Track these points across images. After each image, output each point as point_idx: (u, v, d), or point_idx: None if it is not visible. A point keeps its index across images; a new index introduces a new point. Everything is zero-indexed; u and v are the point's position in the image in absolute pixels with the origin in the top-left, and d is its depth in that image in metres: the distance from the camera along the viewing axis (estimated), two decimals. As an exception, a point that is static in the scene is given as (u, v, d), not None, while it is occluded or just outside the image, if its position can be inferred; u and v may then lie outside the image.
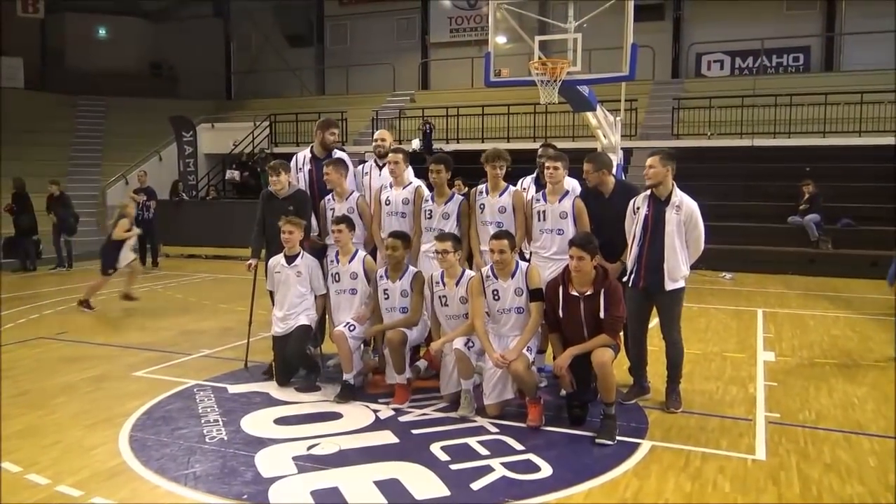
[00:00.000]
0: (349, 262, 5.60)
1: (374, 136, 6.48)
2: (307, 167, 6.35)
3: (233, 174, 18.80)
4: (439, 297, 5.22)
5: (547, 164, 5.40)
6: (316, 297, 5.78)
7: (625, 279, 5.12)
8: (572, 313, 4.70)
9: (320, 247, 6.10)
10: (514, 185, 5.89)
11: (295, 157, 6.48)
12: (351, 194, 6.05)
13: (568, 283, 4.73)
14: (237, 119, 21.43)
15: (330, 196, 6.10)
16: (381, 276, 5.48)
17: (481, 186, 5.70)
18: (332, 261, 5.68)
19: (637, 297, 5.12)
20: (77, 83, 21.88)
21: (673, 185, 5.06)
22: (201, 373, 6.11)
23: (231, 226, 14.38)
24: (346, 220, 5.59)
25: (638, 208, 5.11)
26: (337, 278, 5.63)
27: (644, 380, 5.41)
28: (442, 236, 5.22)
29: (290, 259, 5.70)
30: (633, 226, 5.11)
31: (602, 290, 4.63)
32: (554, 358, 4.85)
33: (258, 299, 6.28)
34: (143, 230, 13.73)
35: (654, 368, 5.50)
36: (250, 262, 6.11)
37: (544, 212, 5.40)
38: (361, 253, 5.70)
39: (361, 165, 6.42)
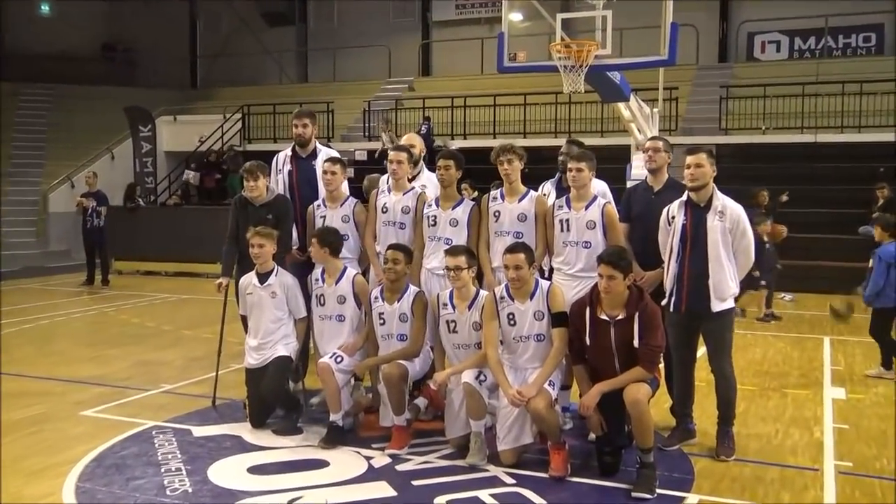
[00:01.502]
0: (336, 282, 5.60)
1: (402, 142, 6.49)
2: (287, 167, 6.39)
3: (188, 175, 18.88)
4: (447, 321, 5.22)
5: (570, 166, 5.43)
6: (296, 321, 5.80)
7: (663, 303, 5.12)
8: (601, 341, 4.70)
9: (303, 262, 6.13)
10: (536, 189, 5.91)
11: (276, 156, 6.52)
12: (346, 200, 6.08)
13: (596, 306, 4.73)
14: (204, 111, 21.54)
15: (320, 201, 6.12)
16: (375, 298, 5.49)
17: (495, 192, 5.72)
18: (316, 280, 5.69)
19: (680, 322, 5.12)
20: (18, 69, 22.06)
21: (713, 187, 5.09)
22: (161, 412, 6.11)
23: (197, 237, 14.40)
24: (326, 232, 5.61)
25: (673, 217, 5.12)
26: (322, 301, 5.65)
27: (689, 421, 5.39)
28: (454, 250, 5.21)
29: (263, 277, 5.71)
30: (669, 239, 5.12)
31: (636, 314, 4.62)
32: (580, 395, 4.84)
33: (229, 324, 6.29)
34: (91, 241, 13.91)
35: (700, 407, 5.48)
36: (221, 280, 6.14)
37: (568, 221, 5.41)
38: (351, 272, 5.70)
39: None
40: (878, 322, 7.30)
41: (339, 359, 5.41)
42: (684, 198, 5.12)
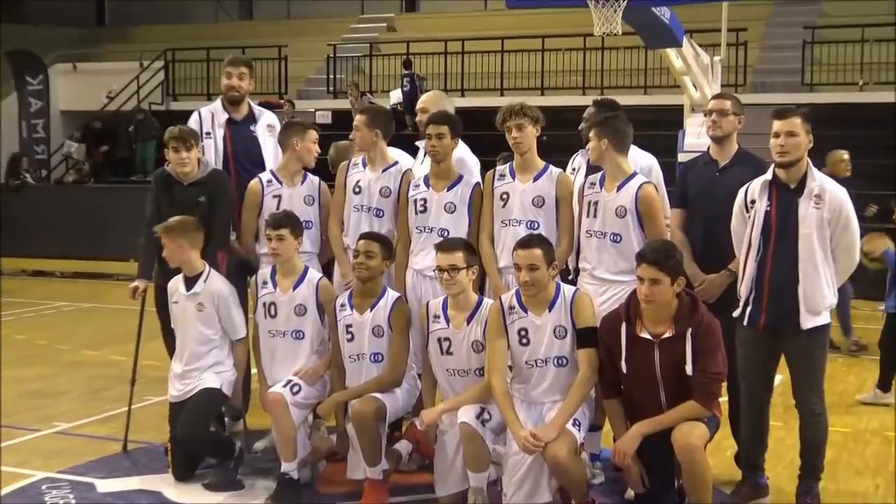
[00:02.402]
0: (294, 287, 5.60)
1: (420, 106, 6.30)
2: (220, 131, 6.37)
3: (71, 147, 18.77)
4: (439, 339, 5.21)
5: (592, 136, 5.46)
6: (233, 342, 5.79)
7: (735, 313, 5.14)
8: (642, 367, 4.71)
9: (246, 261, 6.15)
10: (563, 164, 5.92)
11: (197, 113, 6.47)
12: (306, 176, 6.09)
13: (635, 320, 4.74)
14: (114, 57, 21.52)
15: (271, 176, 6.10)
16: (341, 306, 5.49)
17: (503, 167, 5.72)
18: (265, 283, 5.69)
19: (756, 341, 5.12)
20: None
21: (808, 164, 5.10)
22: (55, 459, 6.11)
23: (105, 226, 14.43)
24: (289, 220, 5.59)
25: (753, 202, 5.12)
26: (272, 312, 5.64)
27: (760, 473, 5.40)
28: (448, 244, 5.20)
29: (190, 282, 5.71)
30: (748, 230, 5.13)
31: (689, 331, 4.64)
32: (615, 439, 4.86)
33: (147, 342, 6.29)
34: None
35: (774, 455, 5.50)
36: (136, 283, 6.14)
37: (597, 204, 5.41)
38: (314, 275, 5.70)
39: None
40: (890, 331, 7.59)
41: (295, 388, 5.41)
42: (768, 176, 5.10)
